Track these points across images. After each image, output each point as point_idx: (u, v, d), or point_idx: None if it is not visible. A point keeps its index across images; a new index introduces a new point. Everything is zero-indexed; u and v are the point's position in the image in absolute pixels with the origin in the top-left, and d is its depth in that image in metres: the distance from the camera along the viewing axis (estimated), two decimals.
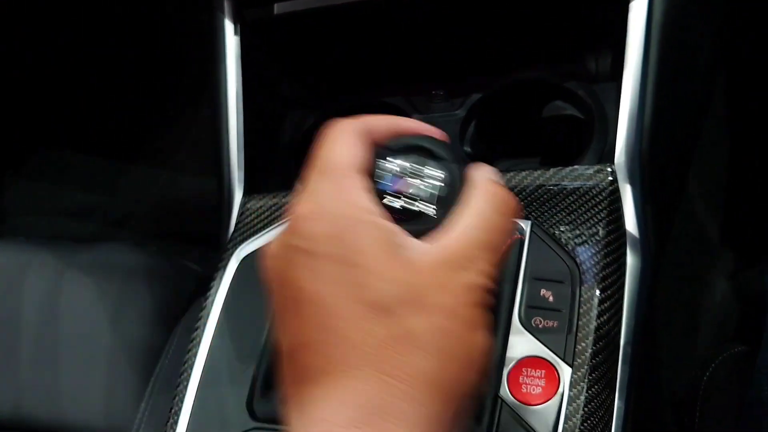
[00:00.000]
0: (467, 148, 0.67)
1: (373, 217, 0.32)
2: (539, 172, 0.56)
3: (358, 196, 0.33)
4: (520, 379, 0.48)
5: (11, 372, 0.72)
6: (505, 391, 0.48)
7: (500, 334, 0.50)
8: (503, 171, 0.58)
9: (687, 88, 0.63)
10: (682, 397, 0.67)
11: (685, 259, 0.89)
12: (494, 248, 0.33)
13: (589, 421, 0.47)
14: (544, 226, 0.54)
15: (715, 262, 0.90)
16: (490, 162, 0.69)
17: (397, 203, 0.34)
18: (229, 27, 0.66)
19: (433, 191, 0.35)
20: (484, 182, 0.35)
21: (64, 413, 0.70)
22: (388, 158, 0.35)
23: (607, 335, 0.50)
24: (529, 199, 0.56)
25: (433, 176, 0.35)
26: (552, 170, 0.56)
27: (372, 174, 0.35)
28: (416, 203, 0.34)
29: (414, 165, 0.35)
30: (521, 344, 0.49)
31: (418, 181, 0.35)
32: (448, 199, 0.34)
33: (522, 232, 0.54)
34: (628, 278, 0.54)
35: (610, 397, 0.49)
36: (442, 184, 0.35)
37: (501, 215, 0.34)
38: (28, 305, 0.75)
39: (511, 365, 0.48)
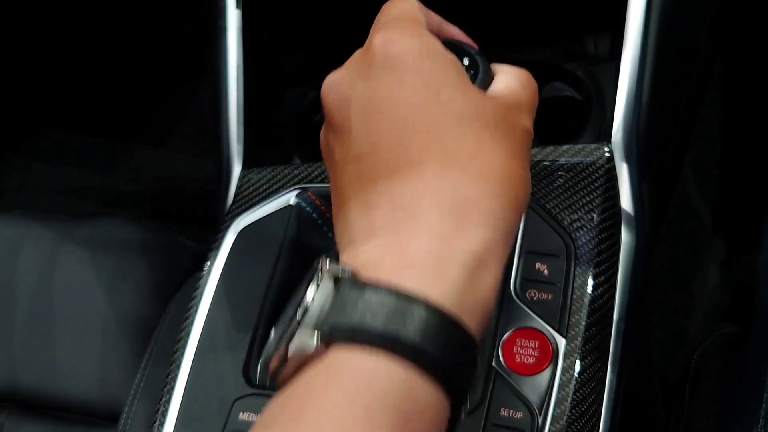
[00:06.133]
0: None
1: (445, 51, 0.35)
2: (536, 149, 0.57)
3: (430, 35, 0.35)
4: (514, 349, 0.48)
5: (6, 344, 0.72)
6: (499, 360, 0.48)
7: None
8: None
9: (685, 70, 0.63)
10: (672, 375, 0.68)
11: (680, 244, 0.90)
12: (533, 108, 0.36)
13: (581, 391, 0.47)
14: (540, 201, 0.55)
15: (709, 249, 0.91)
16: None
17: None
18: (231, 1, 0.66)
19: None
20: (507, 66, 0.38)
21: (59, 386, 0.70)
22: None
23: (600, 309, 0.51)
24: None
25: (466, 64, 0.39)
26: (549, 147, 0.57)
27: None
28: None
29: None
30: (516, 315, 0.50)
31: None
32: (480, 79, 0.38)
33: None
34: (622, 255, 0.54)
35: (602, 370, 0.50)
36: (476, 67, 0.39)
37: (527, 84, 0.37)
38: (23, 278, 0.75)
39: (505, 336, 0.49)
